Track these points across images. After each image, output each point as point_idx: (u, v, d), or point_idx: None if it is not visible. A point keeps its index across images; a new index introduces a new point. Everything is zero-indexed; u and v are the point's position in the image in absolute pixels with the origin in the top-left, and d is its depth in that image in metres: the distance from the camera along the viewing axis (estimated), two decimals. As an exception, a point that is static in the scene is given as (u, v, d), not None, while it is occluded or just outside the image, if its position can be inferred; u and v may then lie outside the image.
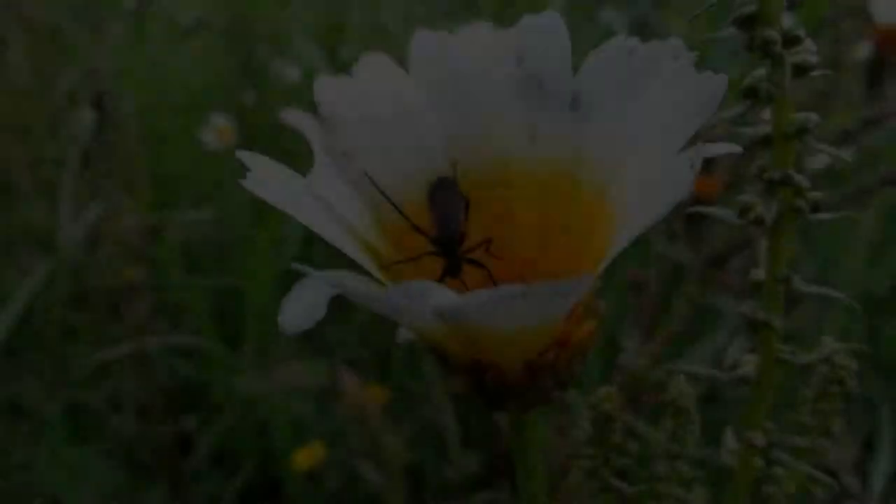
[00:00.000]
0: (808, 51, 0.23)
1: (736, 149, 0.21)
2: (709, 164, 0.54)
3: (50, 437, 0.81)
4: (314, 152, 0.24)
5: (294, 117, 0.24)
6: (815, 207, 0.23)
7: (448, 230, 0.24)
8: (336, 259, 0.23)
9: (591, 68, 0.24)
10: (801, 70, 0.23)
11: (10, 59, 0.95)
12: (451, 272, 0.24)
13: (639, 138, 0.22)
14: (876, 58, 0.53)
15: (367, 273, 0.23)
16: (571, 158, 0.25)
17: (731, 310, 0.65)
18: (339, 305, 0.22)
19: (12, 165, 0.92)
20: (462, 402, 0.91)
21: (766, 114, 0.24)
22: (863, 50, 0.56)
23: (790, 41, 0.23)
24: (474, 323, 0.19)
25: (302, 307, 0.19)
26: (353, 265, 0.23)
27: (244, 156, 0.21)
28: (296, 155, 1.14)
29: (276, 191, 0.21)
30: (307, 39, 1.15)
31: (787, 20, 0.24)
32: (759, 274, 0.23)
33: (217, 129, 1.17)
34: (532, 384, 0.21)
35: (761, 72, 0.23)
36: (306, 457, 0.81)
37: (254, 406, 0.91)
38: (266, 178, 0.21)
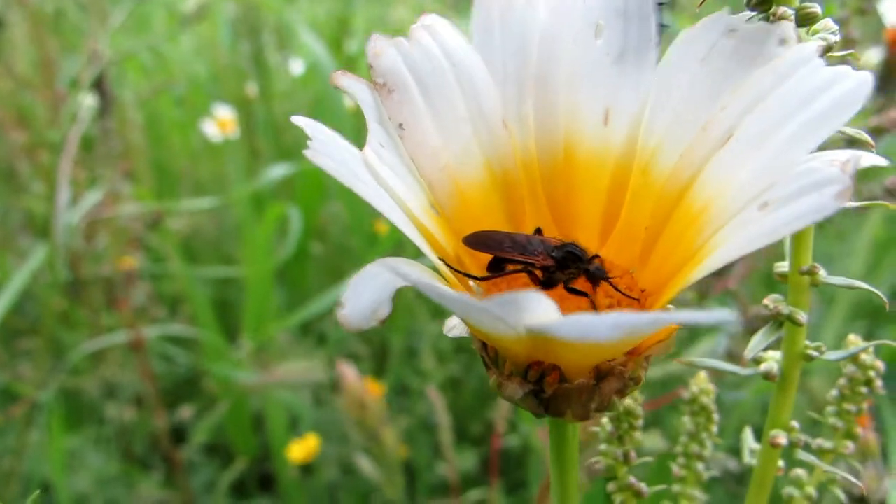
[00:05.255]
0: (827, 29, 0.22)
1: (884, 162, 0.19)
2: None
3: (44, 424, 0.81)
4: (368, 122, 0.22)
5: (347, 81, 0.22)
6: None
7: (576, 247, 0.22)
8: (338, 255, 0.22)
9: (683, 48, 0.22)
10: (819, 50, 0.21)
11: (13, 44, 0.95)
12: (547, 285, 0.22)
13: (748, 131, 0.20)
14: (887, 61, 0.53)
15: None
16: (651, 147, 0.22)
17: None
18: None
19: (13, 151, 0.91)
20: (457, 398, 0.91)
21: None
22: (874, 53, 0.56)
23: (806, 18, 0.21)
24: (567, 340, 0.17)
25: (367, 301, 0.16)
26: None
27: (303, 122, 0.19)
28: (296, 152, 1.13)
29: (342, 166, 0.19)
30: (312, 32, 1.14)
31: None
32: (783, 266, 0.23)
33: (219, 121, 1.16)
34: (596, 389, 0.20)
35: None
36: (301, 449, 0.80)
37: (249, 397, 0.91)
38: (331, 150, 0.19)
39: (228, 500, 0.86)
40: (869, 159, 0.18)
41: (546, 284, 0.22)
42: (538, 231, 0.23)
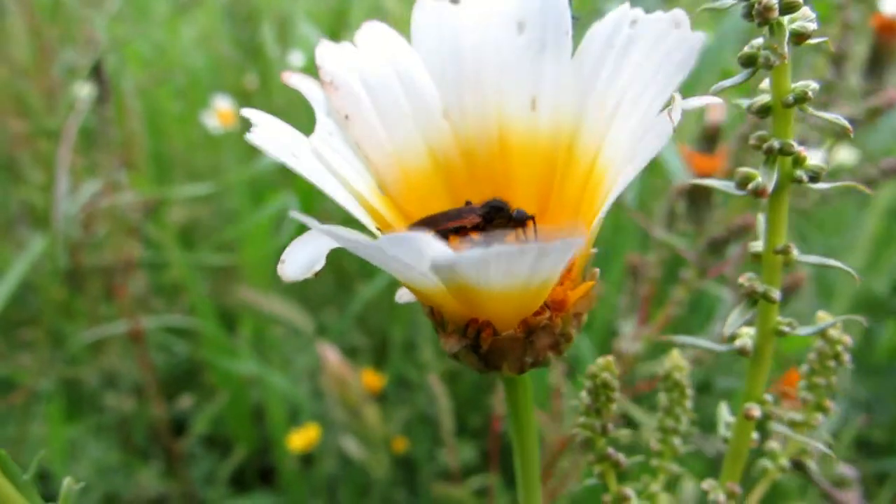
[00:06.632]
0: (806, 17, 0.22)
1: (716, 101, 0.21)
2: (711, 143, 0.54)
3: (44, 413, 0.81)
4: (316, 115, 0.24)
5: (297, 79, 0.25)
6: (814, 178, 0.22)
7: (498, 201, 0.24)
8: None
9: (594, 38, 0.24)
10: (799, 37, 0.22)
11: (10, 33, 0.95)
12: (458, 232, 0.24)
13: (626, 100, 0.23)
14: (875, 46, 0.53)
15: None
16: (571, 127, 0.25)
17: (728, 302, 0.66)
18: (340, 290, 0.22)
19: (12, 141, 0.92)
20: (457, 388, 0.91)
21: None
22: (866, 39, 0.56)
23: (788, 7, 0.22)
24: (469, 278, 0.19)
25: (303, 258, 0.20)
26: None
27: (250, 113, 0.22)
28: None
29: (280, 146, 0.21)
30: (310, 23, 1.15)
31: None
32: (758, 246, 0.23)
33: (220, 113, 1.17)
34: (527, 343, 0.22)
35: (759, 40, 0.23)
36: (301, 438, 0.81)
37: (249, 387, 0.91)
38: (271, 134, 0.22)
39: (228, 492, 0.87)
40: (698, 101, 0.21)
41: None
42: (468, 203, 0.26)
